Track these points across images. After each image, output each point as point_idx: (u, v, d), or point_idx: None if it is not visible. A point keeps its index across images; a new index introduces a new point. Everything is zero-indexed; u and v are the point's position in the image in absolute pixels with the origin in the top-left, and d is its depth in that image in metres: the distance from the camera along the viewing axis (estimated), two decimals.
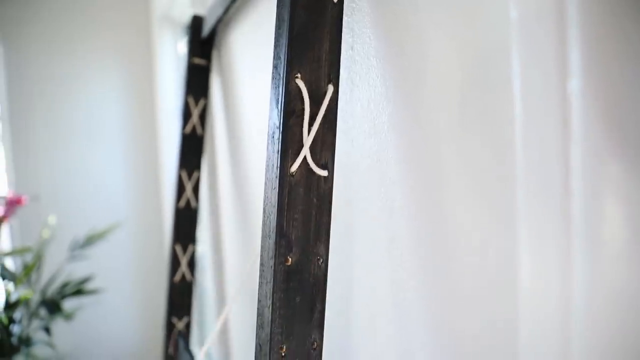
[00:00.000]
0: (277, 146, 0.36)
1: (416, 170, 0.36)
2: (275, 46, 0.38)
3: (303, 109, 0.36)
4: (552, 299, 0.26)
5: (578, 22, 0.23)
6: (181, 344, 0.83)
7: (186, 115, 0.86)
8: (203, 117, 0.87)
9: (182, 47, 1.38)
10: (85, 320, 1.39)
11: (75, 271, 1.36)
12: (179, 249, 0.86)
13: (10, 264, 1.39)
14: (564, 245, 0.25)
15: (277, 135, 0.36)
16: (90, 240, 1.32)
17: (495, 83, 0.28)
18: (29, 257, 1.32)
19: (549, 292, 0.26)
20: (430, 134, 0.34)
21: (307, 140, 0.35)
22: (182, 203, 0.86)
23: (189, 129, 0.86)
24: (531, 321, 0.27)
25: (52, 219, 1.39)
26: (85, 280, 1.30)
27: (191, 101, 0.86)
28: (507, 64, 0.27)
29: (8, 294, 1.19)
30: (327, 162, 0.36)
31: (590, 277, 0.24)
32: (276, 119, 0.36)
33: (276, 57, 0.38)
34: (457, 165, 0.32)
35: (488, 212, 0.30)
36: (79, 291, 1.27)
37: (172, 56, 1.42)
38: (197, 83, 0.86)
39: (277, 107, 0.36)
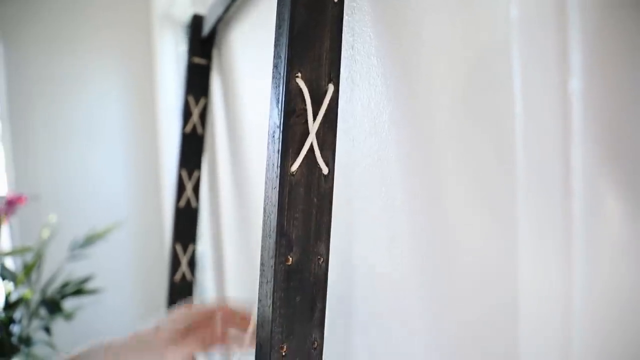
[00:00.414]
0: (277, 145, 0.36)
1: (417, 169, 0.36)
2: (276, 45, 0.38)
3: (304, 108, 0.36)
4: (553, 297, 0.26)
5: (579, 21, 0.23)
6: None
7: (186, 114, 0.86)
8: (203, 116, 0.87)
9: (182, 46, 1.38)
10: (85, 320, 1.39)
11: (76, 271, 1.36)
12: (179, 248, 0.86)
13: (10, 263, 1.39)
14: (564, 244, 0.25)
15: (278, 134, 0.36)
16: (90, 240, 1.31)
17: (496, 82, 0.28)
18: (29, 257, 1.32)
19: (549, 291, 0.26)
20: (431, 133, 0.34)
21: (309, 139, 0.35)
22: (183, 202, 0.86)
23: (189, 128, 0.86)
24: (531, 320, 0.27)
25: (52, 219, 1.39)
26: (86, 280, 1.29)
27: (191, 100, 0.86)
28: (507, 63, 0.27)
29: (8, 294, 1.19)
30: (328, 161, 0.36)
31: (590, 276, 0.24)
32: (276, 118, 0.36)
33: (276, 56, 0.38)
34: (458, 163, 0.32)
35: (488, 210, 0.30)
36: (79, 291, 1.27)
37: (172, 55, 1.42)
38: (197, 82, 0.86)
39: (278, 107, 0.36)
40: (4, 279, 1.19)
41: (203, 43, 0.86)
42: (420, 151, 0.35)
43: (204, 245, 1.07)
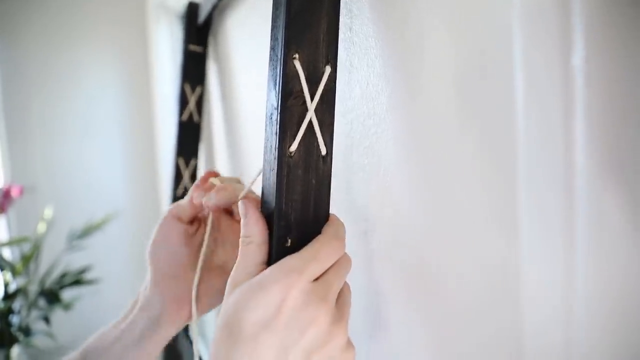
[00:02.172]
0: (275, 127, 0.36)
1: (415, 150, 0.36)
2: (273, 28, 0.38)
3: (301, 90, 0.35)
4: (555, 294, 0.26)
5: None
6: (180, 331, 0.83)
7: (183, 102, 0.85)
8: (200, 104, 0.86)
9: (178, 34, 1.37)
10: (84, 311, 1.39)
11: (74, 262, 1.36)
12: None
13: (8, 254, 1.39)
14: (566, 234, 0.25)
15: (275, 116, 0.35)
16: (87, 231, 1.31)
17: (497, 59, 0.28)
18: (26, 248, 1.32)
19: (552, 287, 0.26)
20: (430, 113, 0.34)
21: (306, 119, 0.35)
22: (180, 191, 0.86)
23: (185, 116, 0.85)
24: (534, 317, 0.27)
25: (48, 211, 1.38)
26: (84, 270, 1.29)
27: (188, 88, 0.85)
28: (508, 39, 0.27)
29: (7, 284, 1.19)
30: (326, 142, 0.36)
31: (592, 271, 0.24)
32: (274, 100, 0.36)
33: (273, 38, 0.37)
34: (457, 142, 0.32)
35: (488, 192, 0.30)
36: (77, 281, 1.27)
37: (168, 44, 1.41)
38: (193, 70, 0.86)
39: (275, 89, 0.36)
40: (2, 269, 1.19)
41: (199, 30, 0.86)
42: (418, 132, 0.35)
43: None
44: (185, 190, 0.86)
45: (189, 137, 0.86)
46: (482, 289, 0.31)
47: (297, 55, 0.35)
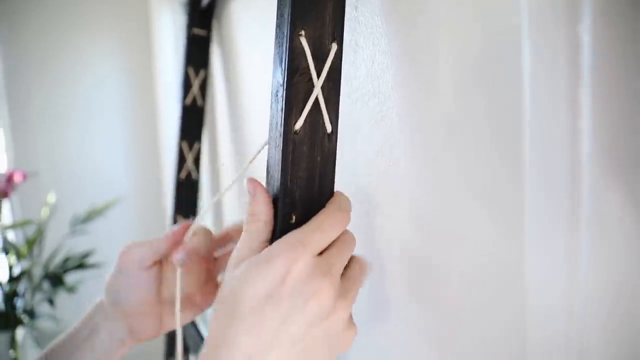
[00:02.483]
0: (280, 104, 0.36)
1: (420, 128, 0.36)
2: (279, 5, 0.38)
3: (307, 67, 0.35)
4: (558, 292, 0.26)
5: None
6: None
7: (186, 86, 0.85)
8: (204, 88, 0.86)
9: (181, 18, 1.36)
10: (88, 294, 1.40)
11: (77, 246, 1.37)
12: (180, 220, 0.87)
13: (12, 237, 1.40)
14: (570, 225, 0.25)
15: (281, 92, 0.35)
16: (90, 216, 1.32)
17: (504, 38, 0.28)
18: (30, 231, 1.32)
19: (555, 285, 0.26)
20: (434, 89, 0.34)
21: (312, 96, 0.35)
22: (183, 174, 0.86)
23: (189, 100, 0.85)
24: (538, 317, 0.27)
25: (52, 196, 1.39)
26: (87, 254, 1.30)
27: (191, 72, 0.85)
28: (516, 19, 0.27)
29: (11, 267, 1.19)
30: (332, 120, 0.36)
31: (596, 271, 0.24)
32: (280, 77, 0.36)
33: (279, 15, 0.37)
34: (461, 118, 0.32)
35: (492, 182, 0.30)
36: (80, 265, 1.28)
37: (171, 30, 1.40)
38: (197, 54, 0.85)
39: (281, 65, 0.36)
40: (7, 252, 1.20)
41: (203, 14, 0.85)
42: (423, 111, 0.35)
43: (205, 217, 1.07)
44: (189, 174, 0.86)
45: (193, 121, 0.86)
46: (485, 285, 0.31)
47: (303, 32, 0.35)
